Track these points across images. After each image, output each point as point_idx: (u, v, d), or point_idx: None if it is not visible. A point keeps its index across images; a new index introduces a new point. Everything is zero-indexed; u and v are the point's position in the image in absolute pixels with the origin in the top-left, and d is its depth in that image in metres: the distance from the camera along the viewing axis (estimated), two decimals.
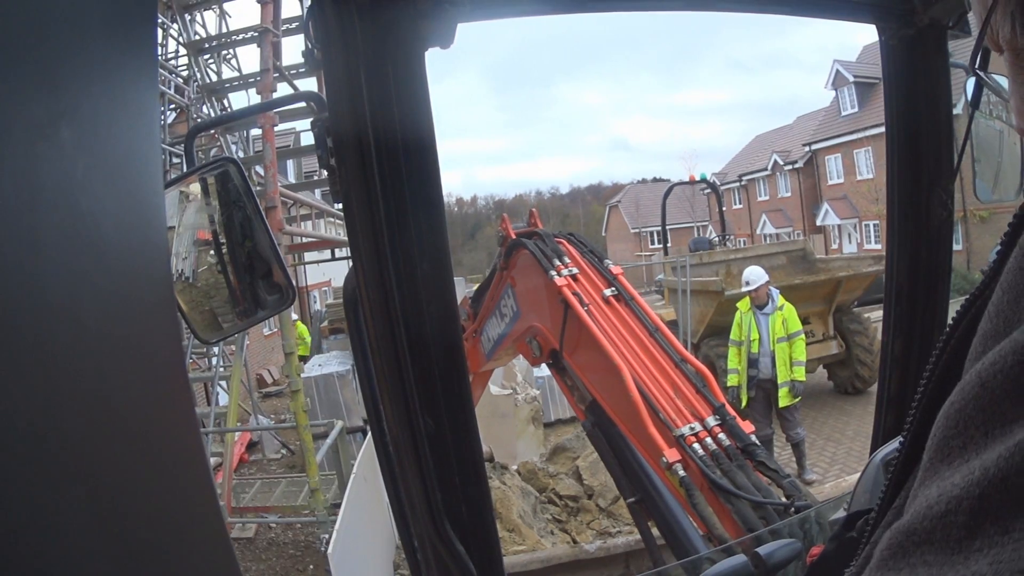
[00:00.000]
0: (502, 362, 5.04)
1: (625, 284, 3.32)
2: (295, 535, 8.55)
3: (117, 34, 0.55)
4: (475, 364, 4.45)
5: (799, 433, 8.12)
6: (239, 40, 9.89)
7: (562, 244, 3.47)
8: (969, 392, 0.41)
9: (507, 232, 3.74)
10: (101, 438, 0.49)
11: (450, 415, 1.12)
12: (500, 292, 3.85)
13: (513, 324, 3.76)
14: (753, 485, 2.43)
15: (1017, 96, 0.56)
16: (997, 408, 0.38)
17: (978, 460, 0.37)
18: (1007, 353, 0.39)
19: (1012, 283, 0.44)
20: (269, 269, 1.10)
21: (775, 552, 1.27)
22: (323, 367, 12.09)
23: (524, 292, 3.62)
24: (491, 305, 3.97)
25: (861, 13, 1.44)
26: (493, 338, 4.06)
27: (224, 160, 1.09)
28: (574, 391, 3.29)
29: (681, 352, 3.04)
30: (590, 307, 3.11)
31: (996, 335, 0.44)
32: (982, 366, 0.40)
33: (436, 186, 1.06)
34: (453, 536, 1.11)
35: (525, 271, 3.55)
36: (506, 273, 3.75)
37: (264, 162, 7.97)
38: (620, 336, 3.05)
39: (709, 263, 12.35)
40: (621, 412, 2.88)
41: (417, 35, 1.01)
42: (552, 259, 3.33)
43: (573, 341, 3.15)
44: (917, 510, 0.40)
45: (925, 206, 1.54)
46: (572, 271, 3.29)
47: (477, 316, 4.26)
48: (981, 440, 0.38)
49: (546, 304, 3.33)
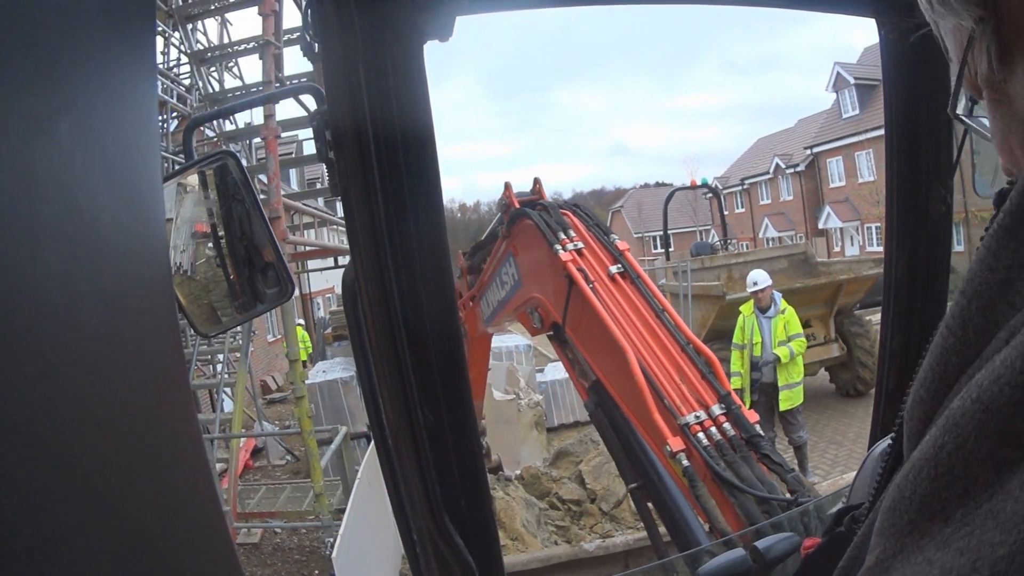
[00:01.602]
0: (501, 328, 4.90)
1: (632, 261, 3.22)
2: (300, 540, 8.56)
3: (115, 28, 0.55)
4: (473, 329, 4.37)
5: (801, 436, 8.11)
6: (241, 51, 9.95)
7: (567, 216, 3.35)
8: (966, 424, 0.35)
9: (510, 200, 3.61)
10: (98, 433, 0.49)
11: (449, 409, 1.12)
12: (501, 259, 3.74)
13: (514, 293, 3.66)
14: (757, 478, 2.39)
15: (998, 133, 0.55)
16: (1009, 429, 0.33)
17: (1008, 502, 0.31)
18: (1013, 360, 0.34)
19: (977, 290, 0.41)
20: (268, 262, 1.11)
21: (774, 546, 1.27)
22: (327, 373, 12.08)
23: (526, 262, 3.51)
24: (491, 271, 3.87)
25: (861, 7, 1.44)
26: (492, 304, 3.96)
27: (222, 153, 1.09)
28: (575, 364, 3.21)
29: (688, 335, 2.93)
30: (595, 284, 3.02)
31: (965, 347, 0.41)
32: (980, 389, 0.35)
33: (435, 179, 1.07)
34: (452, 530, 1.11)
35: (528, 242, 3.44)
36: (508, 241, 3.63)
37: (267, 172, 8.00)
38: (625, 316, 2.95)
39: (711, 267, 12.37)
40: (625, 395, 2.80)
41: (416, 28, 1.02)
42: (557, 232, 3.22)
43: (576, 317, 3.05)
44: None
45: (924, 201, 1.53)
46: (577, 245, 3.17)
47: (473, 277, 4.14)
48: (992, 477, 0.33)
49: (549, 278, 3.23)
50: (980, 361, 0.39)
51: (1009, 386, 0.34)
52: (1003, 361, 0.35)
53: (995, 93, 0.53)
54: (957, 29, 0.55)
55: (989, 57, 0.51)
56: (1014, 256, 0.40)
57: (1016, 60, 0.50)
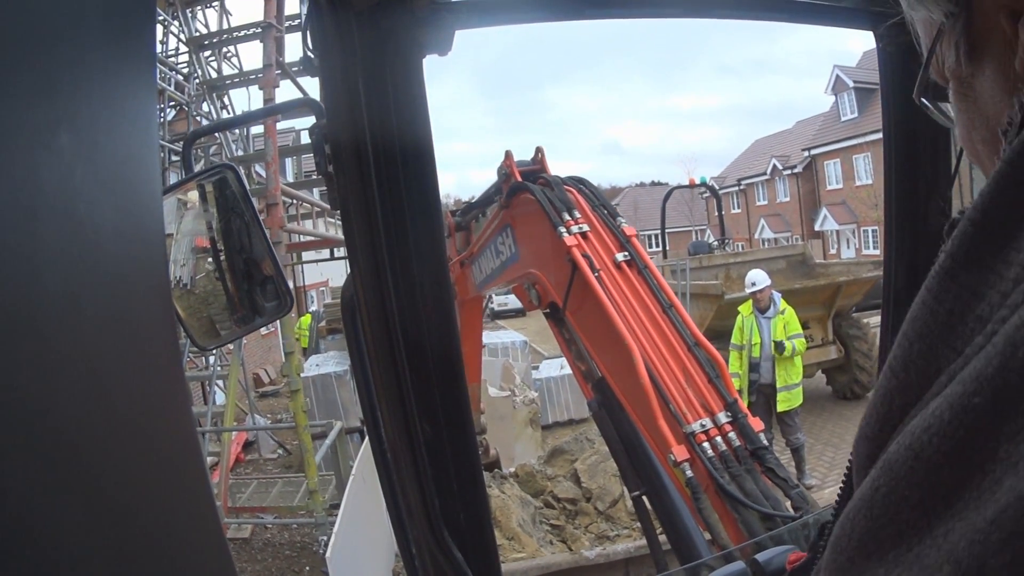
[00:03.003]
0: (491, 291, 4.70)
1: (639, 248, 3.02)
2: (291, 536, 8.54)
3: (116, 39, 0.54)
4: (464, 292, 4.24)
5: (799, 438, 8.11)
6: (241, 36, 9.85)
7: (571, 193, 3.12)
8: (899, 469, 0.36)
9: (511, 171, 3.36)
10: (97, 439, 0.49)
11: (448, 421, 1.12)
12: (498, 228, 3.53)
13: (509, 264, 3.47)
14: (761, 493, 2.34)
15: (962, 125, 0.57)
16: (936, 480, 0.34)
17: (933, 549, 0.33)
18: (943, 411, 0.35)
19: (920, 332, 0.41)
20: (267, 276, 1.10)
21: (774, 559, 1.27)
22: (320, 367, 12.08)
23: (526, 237, 3.31)
24: (486, 238, 3.68)
25: (858, 20, 1.44)
26: (485, 271, 3.79)
27: (222, 167, 1.09)
28: (571, 345, 3.07)
29: (695, 334, 2.78)
30: (601, 273, 2.83)
31: (906, 389, 0.41)
32: (912, 437, 0.36)
33: (434, 194, 1.07)
34: (451, 543, 1.11)
35: (529, 218, 3.22)
36: (506, 212, 3.42)
37: (265, 159, 7.95)
38: (631, 310, 2.80)
39: (708, 267, 12.34)
40: (630, 396, 2.68)
41: (415, 42, 1.02)
42: (561, 212, 2.99)
43: (577, 302, 2.88)
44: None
45: (923, 212, 1.54)
46: (582, 228, 2.96)
47: (462, 235, 4.01)
48: (922, 522, 0.34)
49: (551, 259, 3.04)
50: (921, 404, 0.39)
51: (937, 437, 0.34)
52: (933, 411, 0.36)
53: (961, 87, 0.55)
54: (928, 21, 0.57)
55: (957, 52, 0.53)
56: (954, 302, 0.40)
57: (984, 58, 0.52)
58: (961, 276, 0.40)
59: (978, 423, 0.33)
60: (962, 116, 0.56)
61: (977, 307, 0.38)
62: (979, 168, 0.55)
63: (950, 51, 0.54)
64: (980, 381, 0.34)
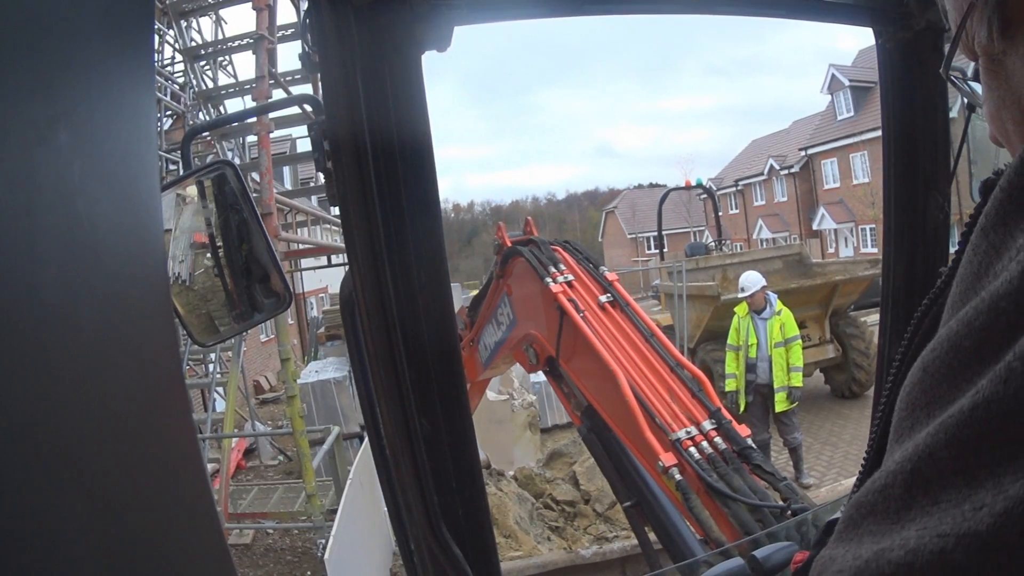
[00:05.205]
0: (499, 371, 5.02)
1: (620, 290, 3.32)
2: (292, 541, 8.56)
3: (114, 37, 0.54)
4: (472, 373, 4.43)
5: (796, 438, 8.13)
6: (235, 47, 9.92)
7: (557, 251, 3.46)
8: (914, 377, 0.44)
9: (503, 240, 3.73)
10: (98, 442, 0.49)
11: (447, 418, 1.12)
12: (496, 300, 3.83)
13: (510, 332, 3.75)
14: (749, 488, 2.42)
15: (991, 103, 0.56)
16: (935, 390, 0.41)
17: (915, 437, 0.40)
18: (943, 340, 0.42)
19: (963, 276, 0.46)
20: (266, 273, 1.10)
21: (772, 555, 1.27)
22: (319, 373, 12.05)
23: (520, 300, 3.61)
24: (488, 314, 3.96)
25: (857, 16, 1.44)
26: (490, 346, 4.04)
27: (221, 163, 1.08)
28: (570, 398, 3.28)
29: (677, 357, 3.03)
30: (586, 313, 3.11)
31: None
32: (926, 353, 0.43)
33: (433, 190, 1.06)
34: (450, 540, 1.11)
35: (521, 278, 3.55)
36: (502, 281, 3.73)
37: (260, 169, 7.97)
38: (616, 341, 3.04)
39: (705, 268, 12.37)
40: (617, 417, 2.86)
41: (414, 38, 1.01)
42: (548, 266, 3.32)
43: (569, 348, 3.14)
44: (867, 485, 0.43)
45: (922, 210, 1.54)
46: (568, 278, 3.28)
47: (474, 325, 4.24)
48: (924, 420, 0.41)
49: (542, 311, 3.32)
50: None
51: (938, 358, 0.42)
52: (939, 336, 0.42)
53: (992, 64, 0.54)
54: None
55: (990, 28, 0.52)
56: (984, 255, 0.45)
57: (1018, 35, 0.51)
58: (991, 234, 0.44)
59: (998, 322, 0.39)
60: (991, 94, 0.56)
61: (997, 263, 0.43)
62: (1007, 147, 0.55)
63: (982, 27, 0.53)
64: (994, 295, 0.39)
